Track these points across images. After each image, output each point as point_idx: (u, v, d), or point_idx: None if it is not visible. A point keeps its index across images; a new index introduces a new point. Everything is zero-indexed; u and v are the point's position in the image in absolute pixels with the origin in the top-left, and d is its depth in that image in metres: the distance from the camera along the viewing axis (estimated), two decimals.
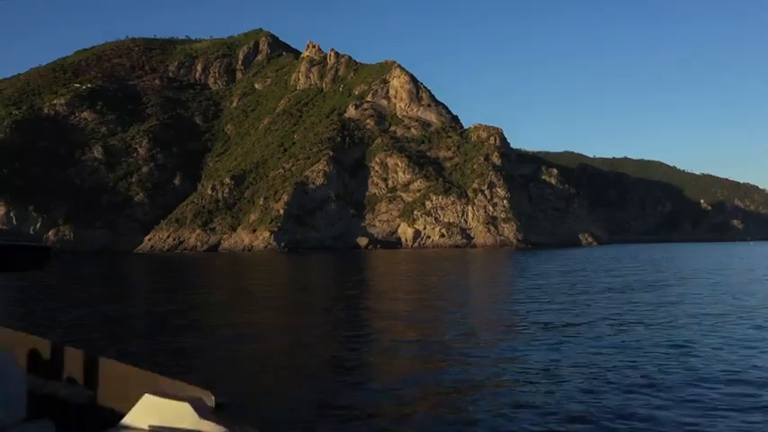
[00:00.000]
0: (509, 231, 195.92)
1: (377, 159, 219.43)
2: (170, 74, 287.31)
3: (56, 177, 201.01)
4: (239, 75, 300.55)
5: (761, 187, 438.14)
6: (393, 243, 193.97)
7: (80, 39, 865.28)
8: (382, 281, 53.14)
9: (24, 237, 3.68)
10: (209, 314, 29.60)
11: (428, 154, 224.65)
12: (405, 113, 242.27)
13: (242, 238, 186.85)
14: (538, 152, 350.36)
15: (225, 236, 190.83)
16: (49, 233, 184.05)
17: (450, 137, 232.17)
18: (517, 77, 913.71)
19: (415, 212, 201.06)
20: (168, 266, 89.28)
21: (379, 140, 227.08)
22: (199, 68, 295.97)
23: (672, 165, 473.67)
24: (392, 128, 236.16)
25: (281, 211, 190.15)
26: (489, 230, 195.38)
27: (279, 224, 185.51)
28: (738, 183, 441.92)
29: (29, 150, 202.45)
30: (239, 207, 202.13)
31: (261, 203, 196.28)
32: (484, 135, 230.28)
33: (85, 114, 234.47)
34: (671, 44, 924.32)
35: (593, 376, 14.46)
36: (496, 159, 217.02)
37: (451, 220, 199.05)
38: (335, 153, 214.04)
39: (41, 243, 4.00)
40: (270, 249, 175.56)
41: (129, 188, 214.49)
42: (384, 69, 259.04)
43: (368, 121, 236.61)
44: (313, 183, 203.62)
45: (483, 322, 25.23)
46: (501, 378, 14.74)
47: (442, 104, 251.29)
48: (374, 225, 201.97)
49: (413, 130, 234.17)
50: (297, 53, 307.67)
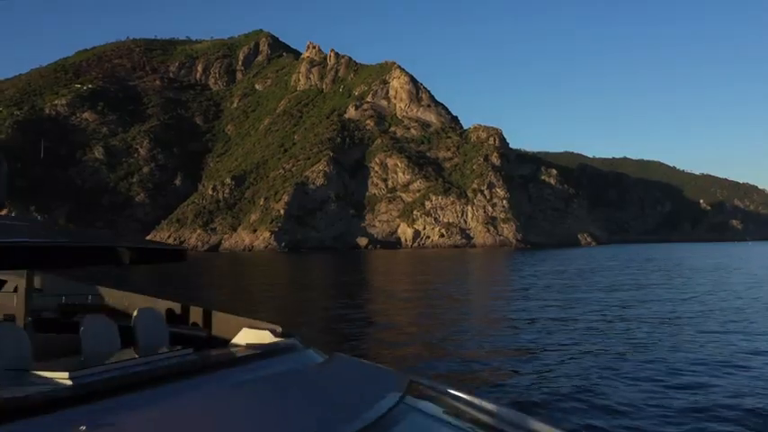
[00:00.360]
0: (508, 231, 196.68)
1: (377, 160, 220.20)
2: (171, 74, 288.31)
3: (57, 178, 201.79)
4: (239, 75, 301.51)
5: (760, 187, 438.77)
6: (393, 243, 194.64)
7: (81, 39, 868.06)
8: (383, 281, 53.83)
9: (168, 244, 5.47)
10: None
11: (428, 154, 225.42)
12: (404, 114, 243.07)
13: (242, 239, 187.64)
14: (538, 152, 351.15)
15: (225, 236, 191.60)
16: None
17: (449, 137, 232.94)
18: (517, 77, 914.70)
19: (415, 213, 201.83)
20: (169, 267, 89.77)
21: (378, 141, 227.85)
22: (199, 69, 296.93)
23: (671, 165, 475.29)
24: (392, 128, 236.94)
25: (282, 212, 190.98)
26: (489, 230, 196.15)
27: (279, 224, 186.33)
28: (738, 183, 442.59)
29: (30, 150, 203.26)
30: (240, 207, 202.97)
31: (261, 204, 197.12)
32: (483, 135, 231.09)
33: (86, 115, 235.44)
34: (671, 44, 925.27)
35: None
36: (496, 160, 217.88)
37: (451, 221, 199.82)
38: (335, 153, 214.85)
39: (182, 246, 7.03)
40: (270, 249, 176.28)
41: (130, 188, 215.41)
42: (384, 70, 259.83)
43: (368, 122, 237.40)
44: (313, 183, 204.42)
45: (488, 318, 25.91)
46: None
47: (442, 105, 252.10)
48: (374, 225, 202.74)
49: (412, 131, 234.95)
50: (297, 54, 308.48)
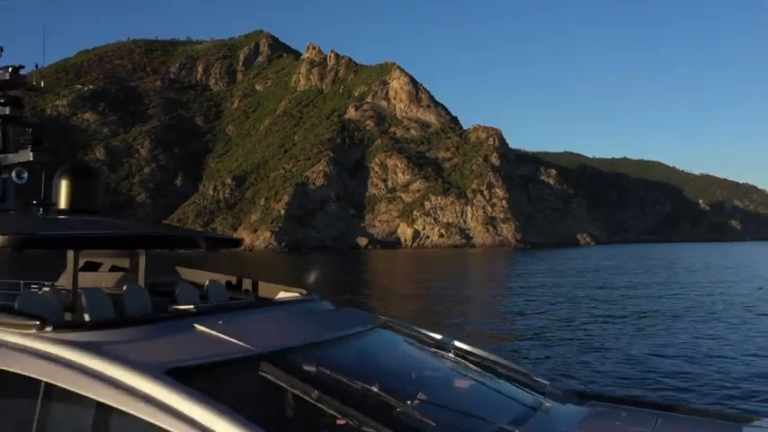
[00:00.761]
0: (508, 231, 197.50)
1: (376, 160, 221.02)
2: (171, 75, 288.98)
3: None
4: (240, 76, 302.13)
5: (760, 187, 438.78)
6: (392, 243, 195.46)
7: (82, 40, 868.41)
8: (383, 280, 54.60)
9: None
10: None
11: (427, 155, 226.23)
12: (404, 114, 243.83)
13: (243, 238, 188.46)
14: (538, 152, 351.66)
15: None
16: None
17: (449, 138, 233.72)
18: (517, 77, 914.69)
19: (415, 213, 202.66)
20: (168, 267, 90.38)
21: (378, 141, 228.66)
22: (200, 70, 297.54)
23: (671, 165, 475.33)
24: (392, 129, 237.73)
25: (282, 212, 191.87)
26: (488, 230, 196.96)
27: (279, 224, 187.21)
28: (737, 183, 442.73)
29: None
30: (240, 207, 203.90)
31: (262, 204, 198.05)
32: (483, 136, 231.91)
33: (87, 115, 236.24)
34: (670, 44, 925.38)
35: None
36: (495, 160, 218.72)
37: (450, 221, 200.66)
38: (335, 154, 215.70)
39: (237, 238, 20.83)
40: (270, 249, 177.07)
41: (131, 189, 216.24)
42: (384, 71, 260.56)
43: (368, 122, 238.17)
44: (313, 183, 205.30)
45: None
46: None
47: (442, 105, 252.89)
48: (374, 225, 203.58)
49: (412, 131, 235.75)
50: (297, 54, 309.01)
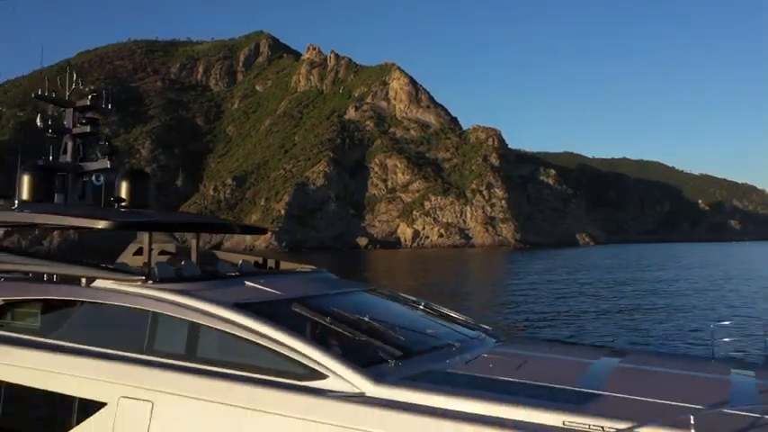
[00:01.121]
0: (507, 231, 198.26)
1: (376, 160, 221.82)
2: (172, 76, 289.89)
3: None
4: (240, 76, 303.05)
5: (759, 187, 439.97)
6: (392, 243, 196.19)
7: (82, 40, 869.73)
8: (383, 280, 55.40)
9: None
10: None
11: (427, 155, 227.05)
12: (404, 115, 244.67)
13: (244, 239, 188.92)
14: (537, 152, 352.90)
15: (227, 236, 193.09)
16: (53, 233, 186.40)
17: (449, 138, 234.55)
18: (517, 78, 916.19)
19: (414, 213, 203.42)
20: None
21: (378, 142, 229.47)
22: (200, 70, 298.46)
23: (671, 165, 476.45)
24: (391, 129, 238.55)
25: (282, 212, 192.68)
26: (488, 230, 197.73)
27: (280, 224, 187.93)
28: (737, 183, 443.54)
29: (33, 151, 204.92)
30: (241, 207, 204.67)
31: (262, 204, 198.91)
32: (482, 136, 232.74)
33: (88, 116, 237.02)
34: (670, 45, 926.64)
35: None
36: (495, 160, 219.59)
37: (450, 221, 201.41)
38: (336, 154, 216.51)
39: (262, 226, 19.58)
40: (271, 249, 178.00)
41: None
42: (384, 71, 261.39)
43: (367, 123, 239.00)
44: (313, 183, 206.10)
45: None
46: None
47: (441, 106, 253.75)
48: (374, 225, 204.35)
49: (412, 132, 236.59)
50: (297, 55, 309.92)
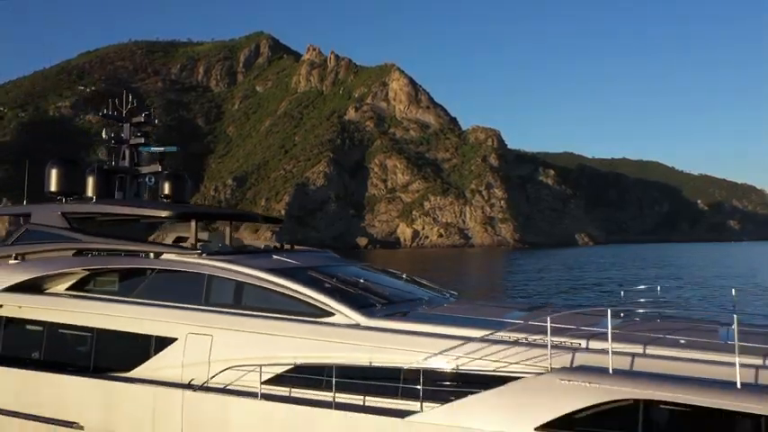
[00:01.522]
0: (506, 231, 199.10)
1: (376, 161, 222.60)
2: (172, 76, 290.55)
3: None
4: (240, 77, 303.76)
5: (758, 188, 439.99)
6: (392, 243, 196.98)
7: (83, 41, 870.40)
8: None
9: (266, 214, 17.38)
10: None
11: (427, 155, 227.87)
12: (404, 115, 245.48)
13: (244, 239, 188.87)
14: (537, 153, 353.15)
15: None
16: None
17: (448, 138, 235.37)
18: (516, 78, 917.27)
19: (414, 213, 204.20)
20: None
21: (378, 142, 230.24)
22: (200, 71, 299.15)
23: (670, 165, 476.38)
24: (391, 129, 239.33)
25: (282, 212, 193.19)
26: (487, 230, 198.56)
27: (280, 224, 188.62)
28: (736, 183, 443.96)
29: (34, 152, 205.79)
30: (241, 208, 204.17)
31: (262, 204, 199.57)
32: (482, 136, 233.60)
33: (89, 117, 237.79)
34: (670, 45, 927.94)
35: None
36: (494, 160, 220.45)
37: (450, 221, 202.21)
38: (335, 154, 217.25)
39: (279, 217, 69.67)
40: None
41: None
42: (383, 72, 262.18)
43: (367, 123, 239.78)
44: (313, 184, 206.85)
45: None
46: None
47: (441, 106, 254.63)
48: (373, 225, 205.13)
49: (412, 132, 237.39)
50: (297, 55, 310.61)
